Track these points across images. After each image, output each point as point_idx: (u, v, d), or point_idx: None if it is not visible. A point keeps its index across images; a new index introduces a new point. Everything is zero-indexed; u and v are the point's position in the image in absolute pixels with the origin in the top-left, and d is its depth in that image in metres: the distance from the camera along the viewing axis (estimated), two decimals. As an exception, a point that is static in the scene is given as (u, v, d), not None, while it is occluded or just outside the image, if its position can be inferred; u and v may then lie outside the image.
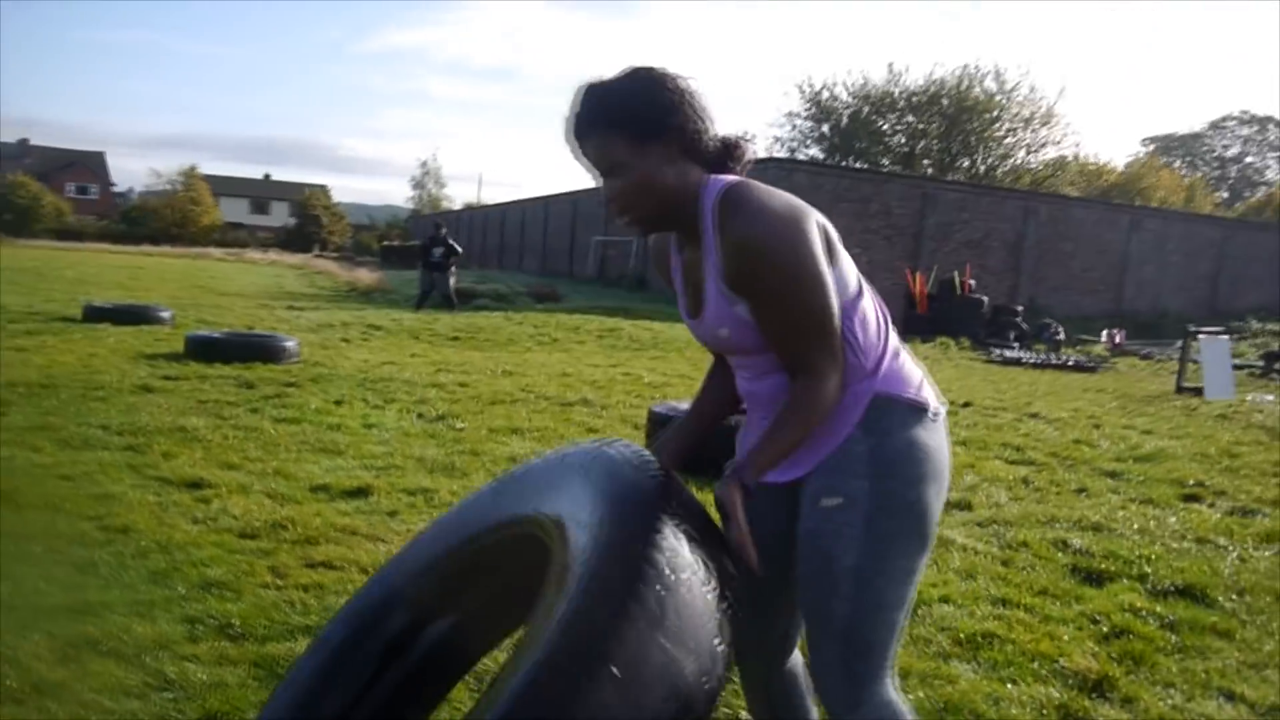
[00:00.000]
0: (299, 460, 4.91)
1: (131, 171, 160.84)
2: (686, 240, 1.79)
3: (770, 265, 1.61)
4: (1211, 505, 5.62)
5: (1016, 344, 18.66)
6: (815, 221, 1.69)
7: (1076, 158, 32.46)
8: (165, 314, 11.48)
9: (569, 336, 13.60)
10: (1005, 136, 31.00)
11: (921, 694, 2.67)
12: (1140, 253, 25.11)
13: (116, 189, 77.79)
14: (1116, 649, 3.10)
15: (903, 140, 31.34)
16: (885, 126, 31.32)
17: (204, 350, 8.63)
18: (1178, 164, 54.01)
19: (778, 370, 1.75)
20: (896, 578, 1.72)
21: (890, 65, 37.23)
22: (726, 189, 1.68)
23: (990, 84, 30.52)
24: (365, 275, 24.84)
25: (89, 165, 74.86)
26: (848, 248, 1.80)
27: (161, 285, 20.06)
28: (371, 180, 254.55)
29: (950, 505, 5.13)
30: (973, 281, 20.51)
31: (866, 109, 31.25)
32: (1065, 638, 3.16)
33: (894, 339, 1.82)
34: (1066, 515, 4.96)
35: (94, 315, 11.10)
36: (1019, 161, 31.15)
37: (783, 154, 33.91)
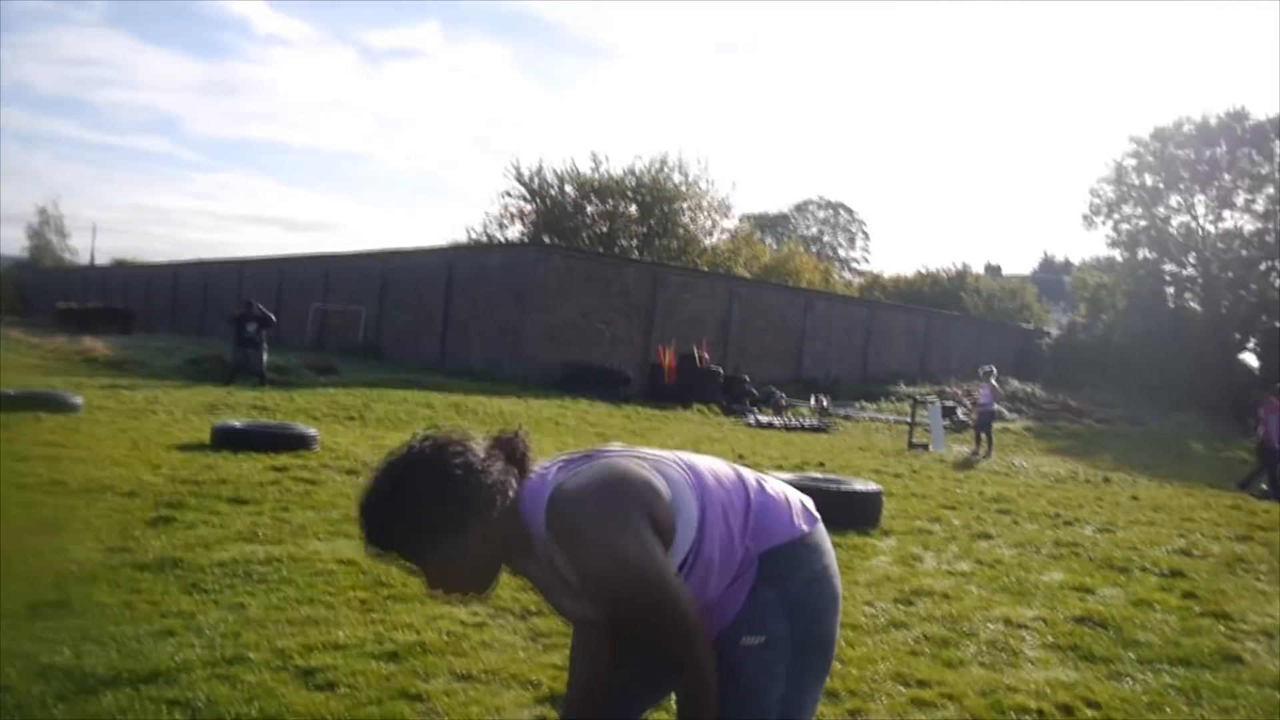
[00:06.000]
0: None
1: None
2: (519, 551, 1.83)
3: (623, 591, 1.71)
4: (1083, 527, 8.76)
5: (754, 409, 22.24)
6: (639, 506, 1.75)
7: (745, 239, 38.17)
8: (77, 400, 11.45)
9: (435, 415, 14.91)
10: (690, 222, 35.62)
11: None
12: (812, 329, 30.21)
13: None
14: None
15: (603, 224, 34.87)
16: (590, 209, 34.72)
17: (232, 441, 9.29)
18: (769, 240, 61.94)
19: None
20: (811, 701, 1.91)
21: (593, 154, 43.32)
22: (550, 519, 1.73)
23: (677, 176, 35.17)
24: (95, 344, 23.45)
25: None
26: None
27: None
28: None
29: (981, 535, 7.78)
30: (707, 354, 24.00)
31: (573, 192, 34.53)
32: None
33: (752, 496, 1.93)
34: (1054, 537, 7.80)
35: (1, 403, 10.87)
36: (704, 245, 35.95)
37: (494, 229, 36.29)
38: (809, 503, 2.02)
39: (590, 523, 1.70)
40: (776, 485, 2.00)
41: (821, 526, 2.00)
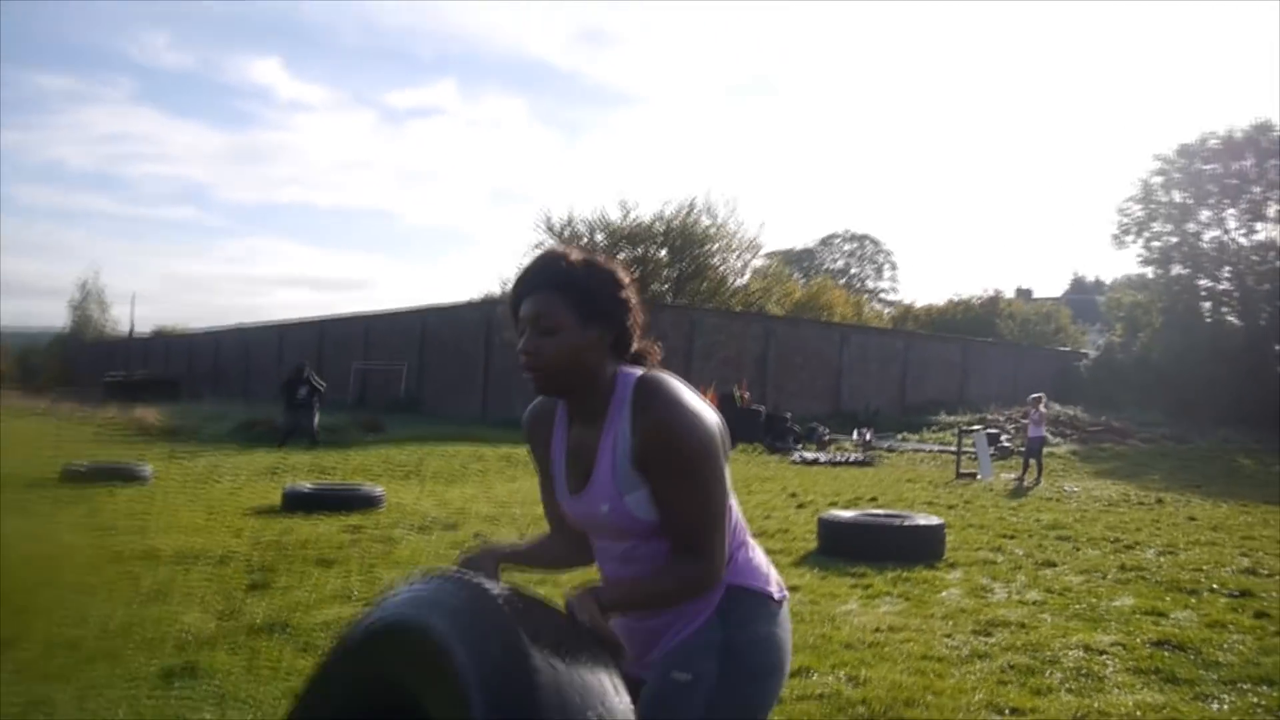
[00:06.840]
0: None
1: None
2: (579, 418, 1.90)
3: (688, 450, 1.74)
4: (1144, 550, 8.82)
5: (798, 446, 22.33)
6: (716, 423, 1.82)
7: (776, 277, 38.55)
8: (146, 470, 11.81)
9: (487, 468, 15.18)
10: (720, 264, 36.04)
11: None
12: (849, 362, 30.32)
13: None
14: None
15: (635, 270, 35.27)
16: (620, 255, 35.12)
17: (303, 503, 9.58)
18: (796, 275, 62.02)
19: (650, 558, 1.84)
20: None
21: (622, 201, 44.72)
22: (644, 376, 1.82)
23: (705, 219, 35.68)
24: (147, 413, 24.02)
25: None
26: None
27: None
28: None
29: (1045, 564, 7.88)
30: (747, 394, 24.16)
31: (603, 240, 35.02)
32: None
33: (744, 532, 1.94)
34: (1118, 562, 7.89)
35: (75, 476, 11.25)
36: (736, 285, 36.32)
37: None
38: (783, 583, 2.01)
39: (678, 392, 1.79)
40: (762, 553, 2.02)
41: (787, 608, 1.98)
